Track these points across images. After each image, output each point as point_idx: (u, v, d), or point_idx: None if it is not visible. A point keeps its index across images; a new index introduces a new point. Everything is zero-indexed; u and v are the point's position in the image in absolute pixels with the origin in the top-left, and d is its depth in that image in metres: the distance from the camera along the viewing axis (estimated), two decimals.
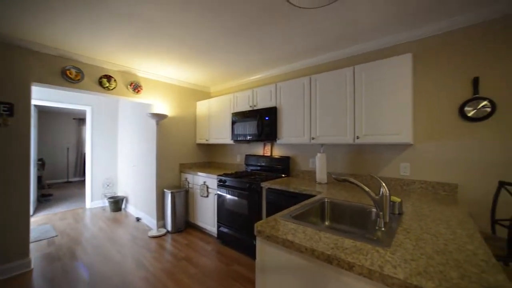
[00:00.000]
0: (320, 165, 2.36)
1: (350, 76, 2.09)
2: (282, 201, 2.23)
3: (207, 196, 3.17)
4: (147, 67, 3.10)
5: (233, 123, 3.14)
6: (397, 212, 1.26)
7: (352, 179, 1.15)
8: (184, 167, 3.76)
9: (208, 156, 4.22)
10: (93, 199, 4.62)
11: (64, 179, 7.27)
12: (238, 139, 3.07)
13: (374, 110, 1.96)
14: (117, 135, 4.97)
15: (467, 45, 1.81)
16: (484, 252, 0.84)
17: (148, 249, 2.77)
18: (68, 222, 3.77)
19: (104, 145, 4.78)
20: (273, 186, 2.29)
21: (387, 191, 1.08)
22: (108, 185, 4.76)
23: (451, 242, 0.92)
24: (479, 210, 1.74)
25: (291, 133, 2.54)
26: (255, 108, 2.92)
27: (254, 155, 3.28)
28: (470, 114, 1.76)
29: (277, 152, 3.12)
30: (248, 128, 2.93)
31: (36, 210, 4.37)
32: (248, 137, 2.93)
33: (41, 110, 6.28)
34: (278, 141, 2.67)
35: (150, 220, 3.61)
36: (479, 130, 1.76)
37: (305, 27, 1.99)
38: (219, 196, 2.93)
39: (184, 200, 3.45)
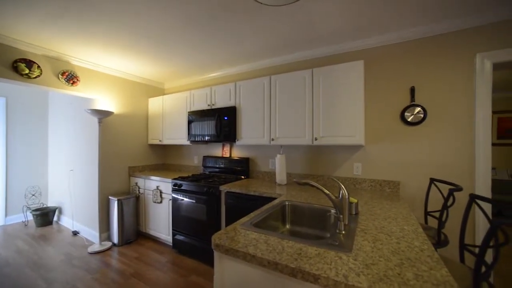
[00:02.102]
0: (280, 166, 2.36)
1: (309, 79, 2.14)
2: (242, 204, 2.15)
3: (161, 202, 2.88)
4: (85, 55, 2.63)
5: (189, 122, 2.93)
6: (354, 213, 1.31)
7: (313, 182, 1.14)
8: (134, 171, 3.36)
9: (162, 158, 3.87)
10: (10, 213, 3.73)
11: None
12: (196, 139, 2.87)
13: (331, 112, 2.04)
14: (47, 134, 4.15)
15: (406, 58, 2.03)
16: (428, 248, 0.92)
17: (87, 270, 2.35)
18: None
19: (28, 146, 3.92)
20: (233, 190, 2.20)
21: (346, 194, 1.10)
22: (33, 195, 3.94)
23: (402, 240, 0.98)
24: (416, 203, 1.98)
25: (251, 134, 2.48)
26: (213, 107, 2.77)
27: (213, 157, 3.12)
28: (409, 119, 1.98)
29: (237, 153, 3.03)
30: (206, 128, 2.77)
31: None
32: (206, 138, 2.77)
33: None
34: (237, 142, 2.58)
35: (91, 233, 3.10)
36: (415, 133, 1.99)
37: (266, 26, 1.95)
38: (175, 202, 2.69)
39: (134, 207, 3.08)
